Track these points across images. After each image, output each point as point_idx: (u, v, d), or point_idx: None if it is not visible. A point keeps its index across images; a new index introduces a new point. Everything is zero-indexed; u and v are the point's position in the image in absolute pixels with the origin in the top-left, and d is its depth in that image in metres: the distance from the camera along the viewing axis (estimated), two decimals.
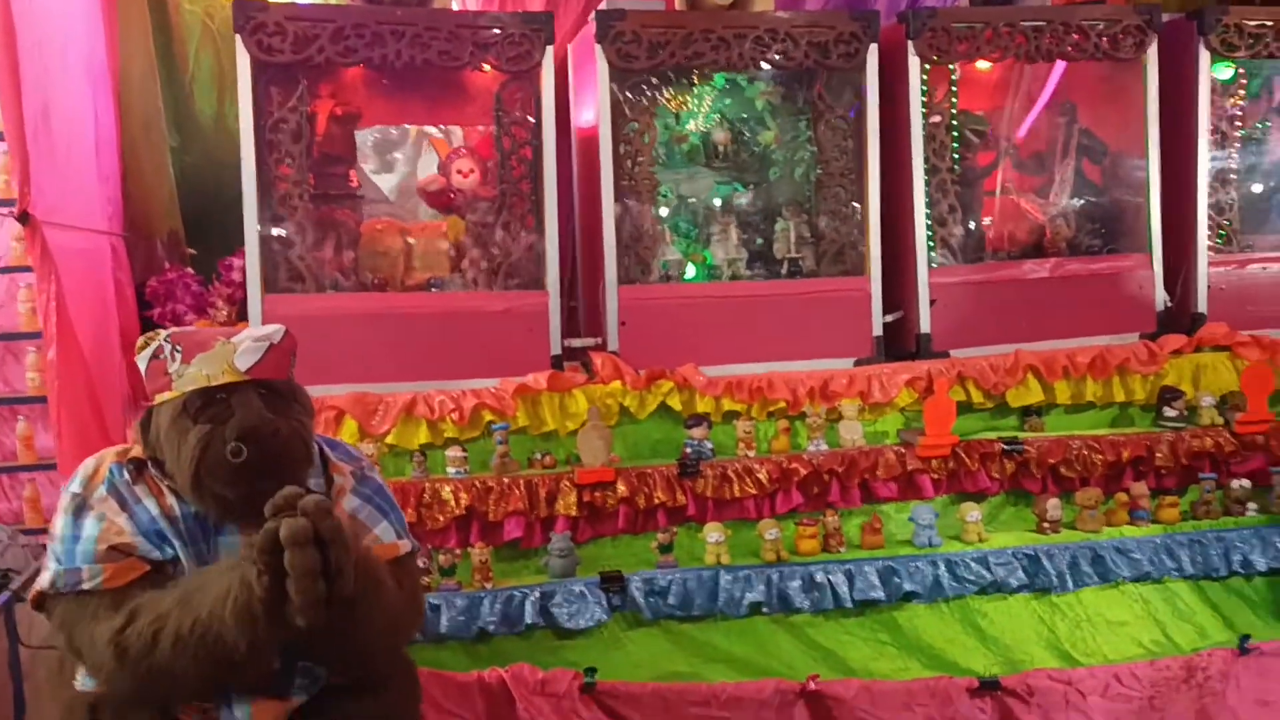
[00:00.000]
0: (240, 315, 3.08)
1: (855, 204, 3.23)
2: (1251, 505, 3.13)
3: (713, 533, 2.81)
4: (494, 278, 3.06)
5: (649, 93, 3.11)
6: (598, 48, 2.99)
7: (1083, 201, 3.49)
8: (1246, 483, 3.14)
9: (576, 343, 3.14)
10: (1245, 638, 2.89)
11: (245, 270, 2.96)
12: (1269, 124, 3.56)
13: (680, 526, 2.88)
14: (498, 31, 2.92)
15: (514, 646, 2.66)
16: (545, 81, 2.98)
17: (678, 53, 3.02)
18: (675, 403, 2.98)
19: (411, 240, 3.14)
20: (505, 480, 2.78)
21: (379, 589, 1.65)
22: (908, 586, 2.84)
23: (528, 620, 2.65)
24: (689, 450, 2.91)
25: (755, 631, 2.80)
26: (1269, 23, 3.32)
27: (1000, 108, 3.53)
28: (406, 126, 3.29)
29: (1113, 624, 2.95)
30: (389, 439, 2.79)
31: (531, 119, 3.02)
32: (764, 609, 2.79)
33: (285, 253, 2.91)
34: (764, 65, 3.09)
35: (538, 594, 2.67)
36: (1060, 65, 3.40)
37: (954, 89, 3.29)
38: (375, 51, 2.85)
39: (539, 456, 2.88)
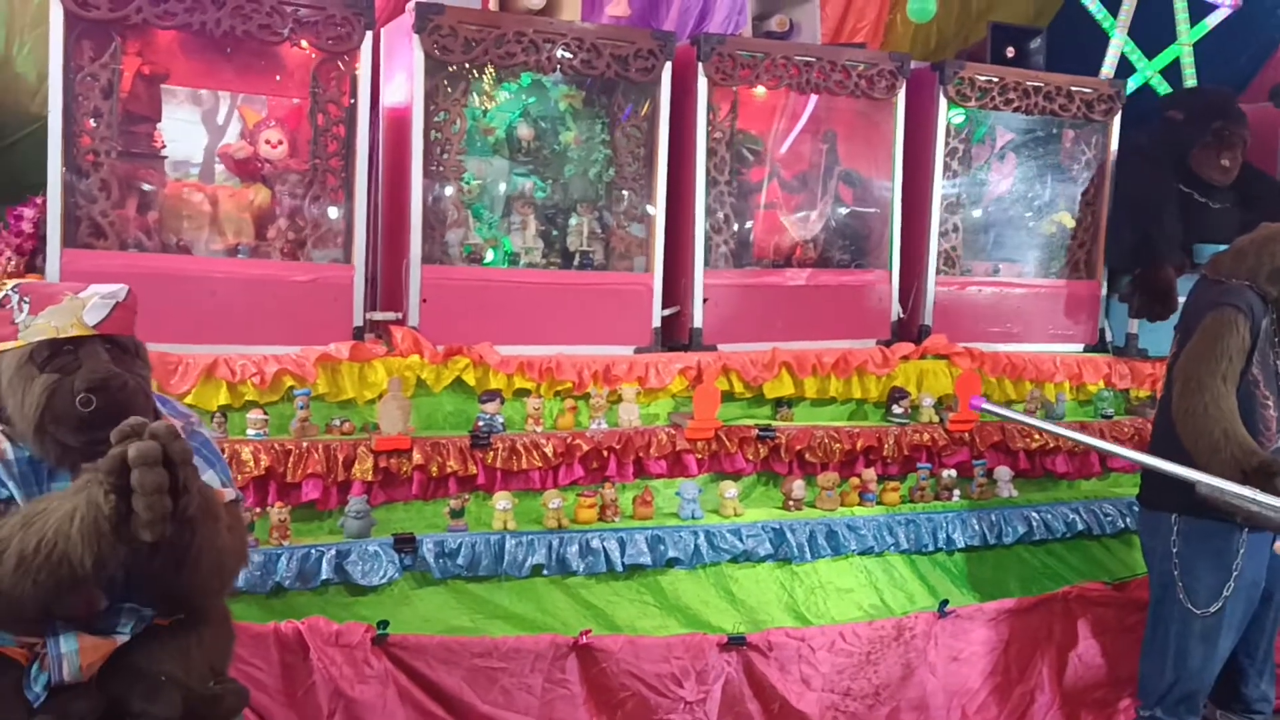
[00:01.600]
0: (29, 267, 3.03)
1: (643, 206, 3.53)
2: (956, 492, 3.66)
3: (501, 500, 3.04)
4: (300, 248, 3.16)
5: (461, 85, 3.29)
6: (415, 37, 3.14)
7: (836, 221, 3.93)
8: (953, 472, 3.67)
9: (378, 316, 3.28)
10: (944, 603, 3.41)
11: (38, 221, 2.93)
12: (990, 166, 4.13)
13: (471, 494, 3.09)
14: (319, 11, 3.02)
15: (309, 602, 2.80)
16: (362, 64, 3.11)
17: (491, 50, 3.21)
18: (470, 378, 3.18)
19: (216, 205, 3.18)
20: (304, 444, 2.90)
21: (215, 520, 1.77)
22: (671, 553, 3.17)
23: (323, 576, 2.79)
24: (481, 424, 3.12)
25: (535, 591, 3.05)
26: (995, 79, 3.86)
27: (774, 130, 3.92)
28: (216, 92, 3.31)
29: (841, 590, 3.39)
30: (188, 399, 2.84)
31: (347, 99, 3.14)
32: (544, 571, 3.04)
33: (88, 208, 2.90)
34: (569, 70, 3.34)
35: (334, 552, 2.81)
36: (814, 98, 3.80)
37: (735, 110, 3.64)
38: (195, 18, 2.89)
39: (338, 423, 3.01)
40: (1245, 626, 3.19)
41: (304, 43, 3.07)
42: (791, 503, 3.43)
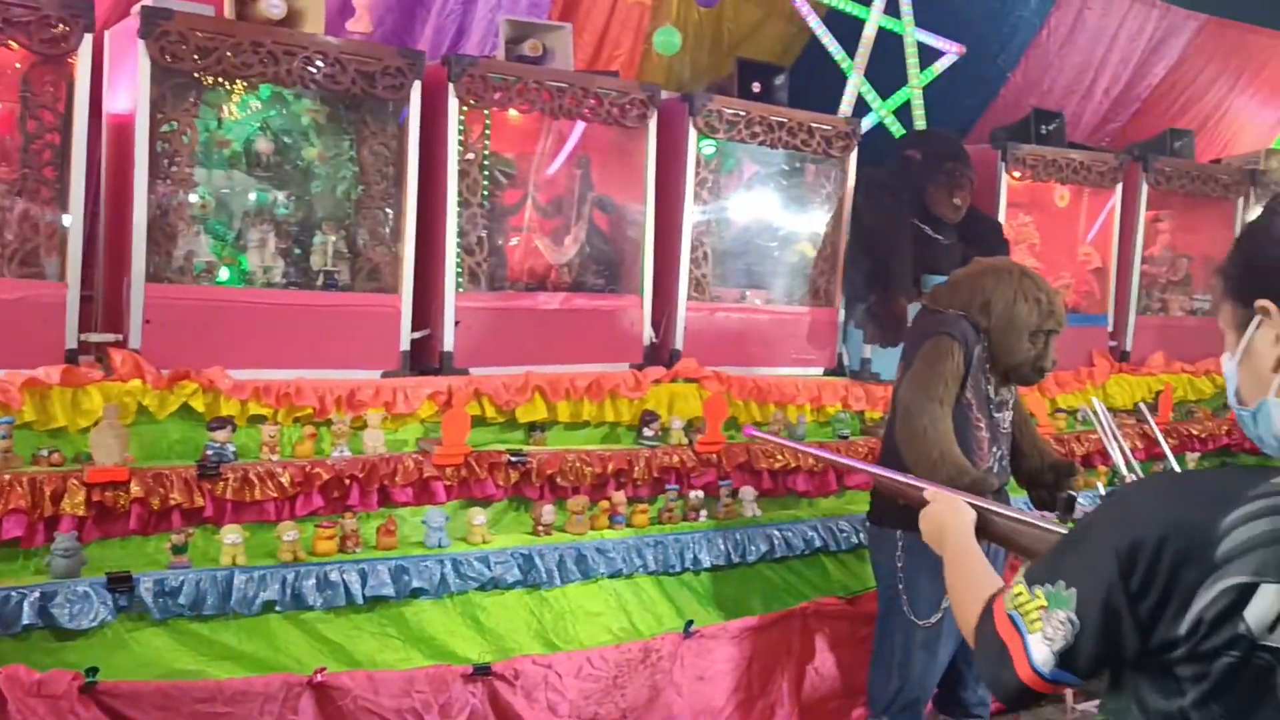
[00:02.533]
0: None
1: (392, 226, 3.45)
2: (703, 512, 3.74)
3: (230, 534, 2.89)
4: (7, 264, 2.90)
5: (192, 94, 3.12)
6: (140, 43, 2.95)
7: (590, 246, 3.96)
8: (701, 493, 3.76)
9: (94, 338, 3.06)
10: (689, 623, 3.49)
11: None
12: (738, 196, 4.28)
13: (197, 528, 2.91)
14: (32, 11, 2.79)
15: (8, 649, 2.55)
16: (81, 70, 2.89)
17: (225, 60, 3.06)
18: (199, 404, 3.01)
19: None
20: (6, 477, 2.66)
21: None
22: (416, 583, 3.09)
23: (25, 621, 2.56)
24: (210, 452, 2.95)
25: (267, 629, 2.90)
26: (742, 113, 4.00)
27: (530, 153, 3.92)
28: None
29: (590, 614, 3.40)
30: None
31: (63, 105, 2.91)
32: (277, 607, 2.90)
33: None
34: (311, 85, 3.22)
35: (37, 594, 2.59)
36: (580, 125, 3.85)
37: (488, 132, 3.62)
38: None
39: (46, 453, 2.78)
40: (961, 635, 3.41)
41: (14, 43, 2.83)
42: (541, 528, 3.42)
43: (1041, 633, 1.17)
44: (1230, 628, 1.05)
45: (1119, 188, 5.14)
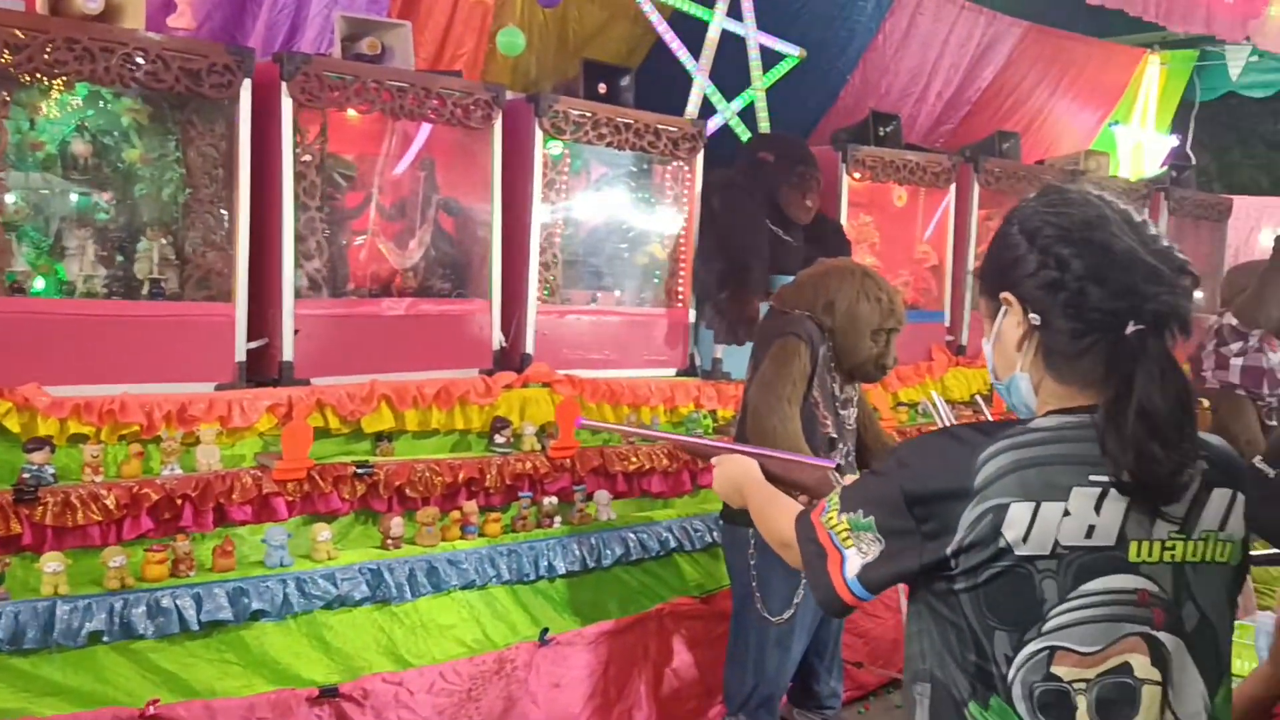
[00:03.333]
0: None
1: (225, 231, 3.29)
2: (558, 518, 3.71)
3: (50, 562, 2.69)
4: None
5: (2, 93, 2.90)
6: None
7: (436, 249, 3.87)
8: (554, 499, 3.72)
9: None
10: (544, 631, 3.44)
11: None
12: (586, 197, 4.25)
13: (14, 556, 2.71)
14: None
15: None
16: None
17: (36, 58, 2.86)
18: (13, 424, 2.80)
19: None
20: None
21: None
22: (256, 605, 2.96)
23: None
24: (27, 475, 2.75)
25: (94, 661, 2.72)
26: (588, 114, 3.98)
27: (372, 155, 3.80)
28: None
29: (443, 627, 3.32)
30: None
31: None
32: (105, 638, 2.73)
33: None
34: (132, 83, 3.04)
35: None
36: (426, 126, 3.75)
37: (325, 133, 3.49)
38: None
39: None
40: (815, 629, 3.47)
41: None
42: (390, 541, 3.32)
43: (856, 548, 1.38)
44: (993, 543, 1.26)
45: (952, 188, 5.33)
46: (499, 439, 3.70)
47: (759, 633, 3.35)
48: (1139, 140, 7.40)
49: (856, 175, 4.93)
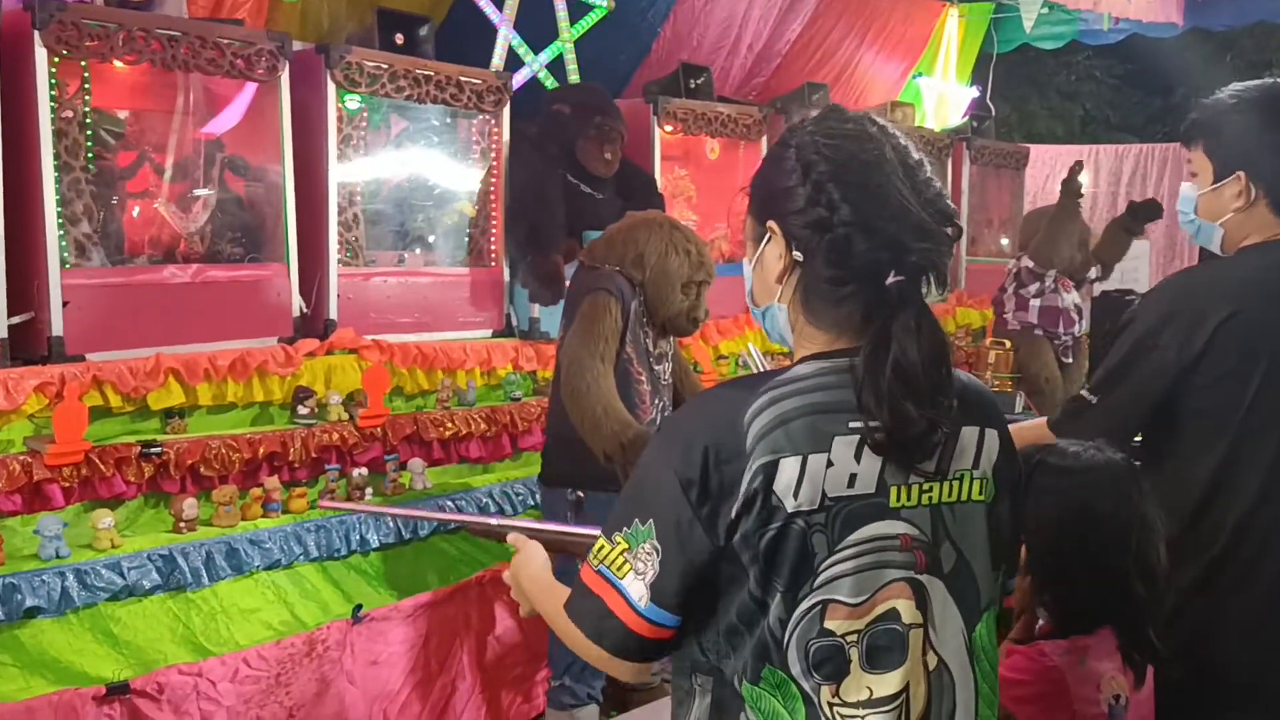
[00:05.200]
0: None
1: None
2: (369, 490, 3.56)
3: None
4: None
5: None
6: None
7: (225, 212, 3.63)
8: (365, 470, 3.57)
9: None
10: (358, 607, 3.29)
11: None
12: (388, 154, 4.06)
13: None
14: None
15: None
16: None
17: None
18: None
19: None
20: None
21: None
22: (31, 602, 2.71)
23: None
24: None
25: None
26: (384, 66, 3.78)
27: (144, 110, 3.52)
28: None
29: (245, 612, 3.13)
30: None
31: None
32: None
33: None
34: None
35: None
36: (194, 76, 3.48)
37: (87, 86, 3.20)
38: None
39: None
40: None
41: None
42: (183, 524, 3.10)
43: (633, 571, 1.26)
44: (766, 503, 1.21)
45: (764, 139, 5.36)
46: (302, 410, 3.51)
47: None
48: (942, 92, 7.63)
49: (668, 128, 4.88)
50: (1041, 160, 9.15)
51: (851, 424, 1.24)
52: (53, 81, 3.05)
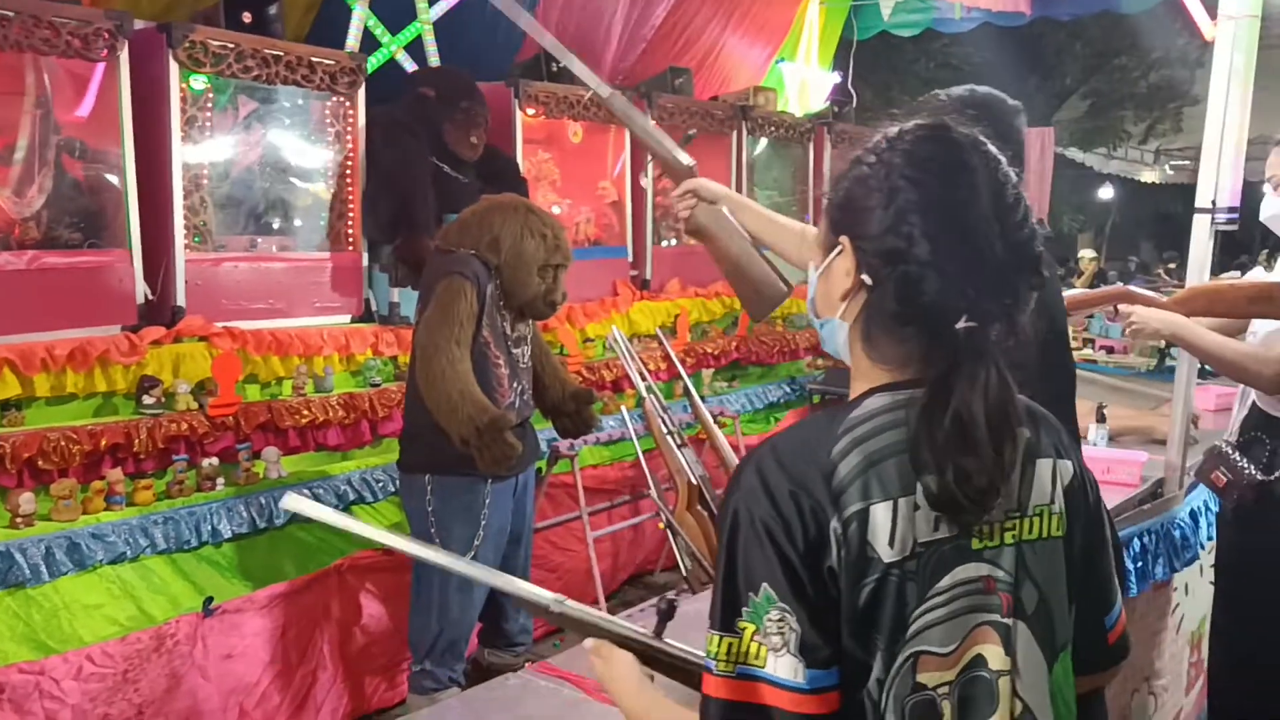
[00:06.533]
0: None
1: None
2: (221, 480, 3.48)
3: None
4: None
5: None
6: None
7: (62, 196, 3.49)
8: (215, 460, 3.49)
9: None
10: (208, 600, 3.23)
11: None
12: (236, 137, 3.96)
13: None
14: None
15: None
16: None
17: None
18: None
19: None
20: None
21: None
22: None
23: None
24: None
25: None
26: (230, 45, 3.68)
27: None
28: None
29: (89, 607, 3.04)
30: None
31: None
32: None
33: None
34: None
35: None
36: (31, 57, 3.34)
37: None
38: None
39: None
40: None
41: None
42: (20, 519, 3.00)
43: (771, 651, 1.10)
44: (862, 555, 1.10)
45: None
46: (148, 400, 3.41)
47: (441, 579, 3.31)
48: (805, 77, 7.78)
49: (530, 111, 4.88)
50: None
51: None
52: None
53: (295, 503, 1.39)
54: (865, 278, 1.19)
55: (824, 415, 1.20)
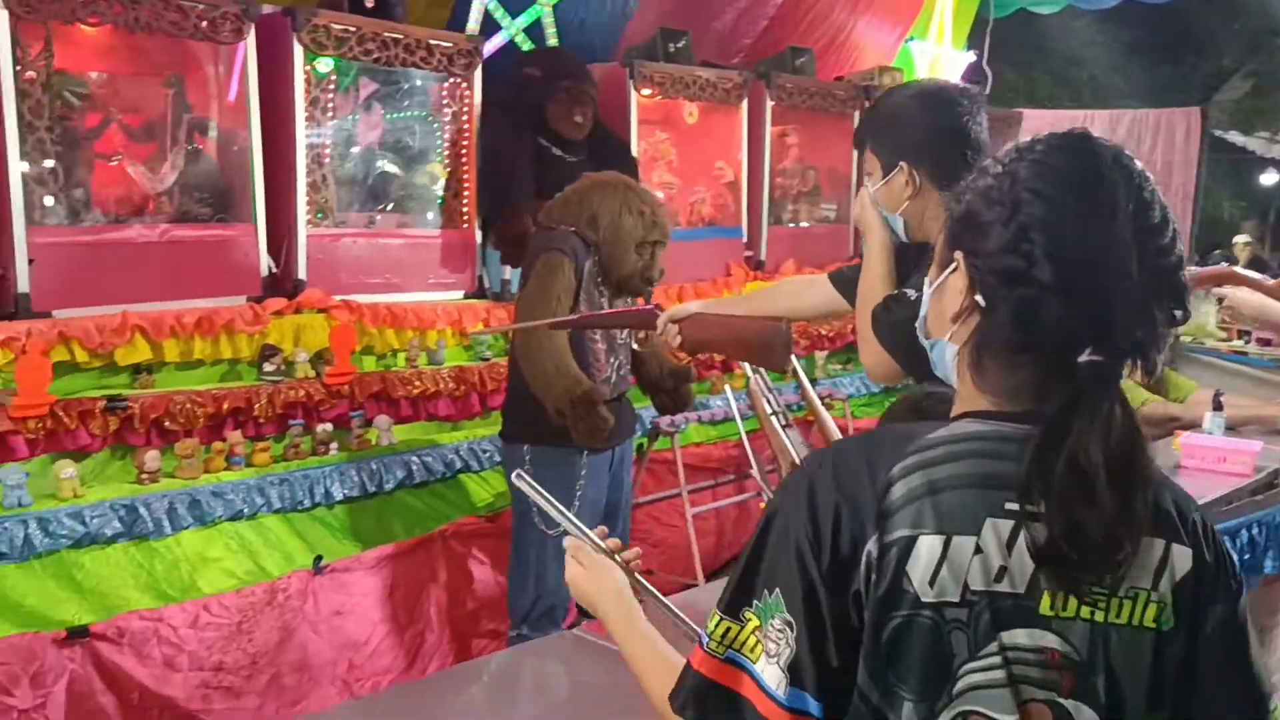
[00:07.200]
0: None
1: None
2: (334, 445, 3.64)
3: None
4: None
5: None
6: None
7: (192, 172, 3.69)
8: (330, 426, 3.65)
9: None
10: (318, 558, 3.39)
11: None
12: (357, 117, 4.12)
13: None
14: None
15: None
16: None
17: None
18: None
19: None
20: None
21: None
22: None
23: None
24: None
25: None
26: (352, 29, 3.83)
27: (109, 72, 3.58)
28: None
29: (207, 560, 3.22)
30: None
31: None
32: None
33: None
34: None
35: None
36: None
37: (50, 48, 3.26)
38: None
39: None
40: None
41: None
42: (145, 475, 3.20)
43: (765, 654, 1.04)
44: (895, 585, 1.02)
45: (744, 104, 5.37)
46: (268, 367, 3.59)
47: (538, 547, 3.38)
48: (936, 56, 7.59)
49: (645, 92, 4.91)
50: (1036, 125, 9.09)
51: (1008, 505, 1.03)
52: (14, 43, 3.11)
53: (521, 483, 1.51)
54: (979, 299, 1.08)
55: (902, 428, 1.11)
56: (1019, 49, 11.43)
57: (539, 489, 1.51)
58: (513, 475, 1.55)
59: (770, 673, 1.04)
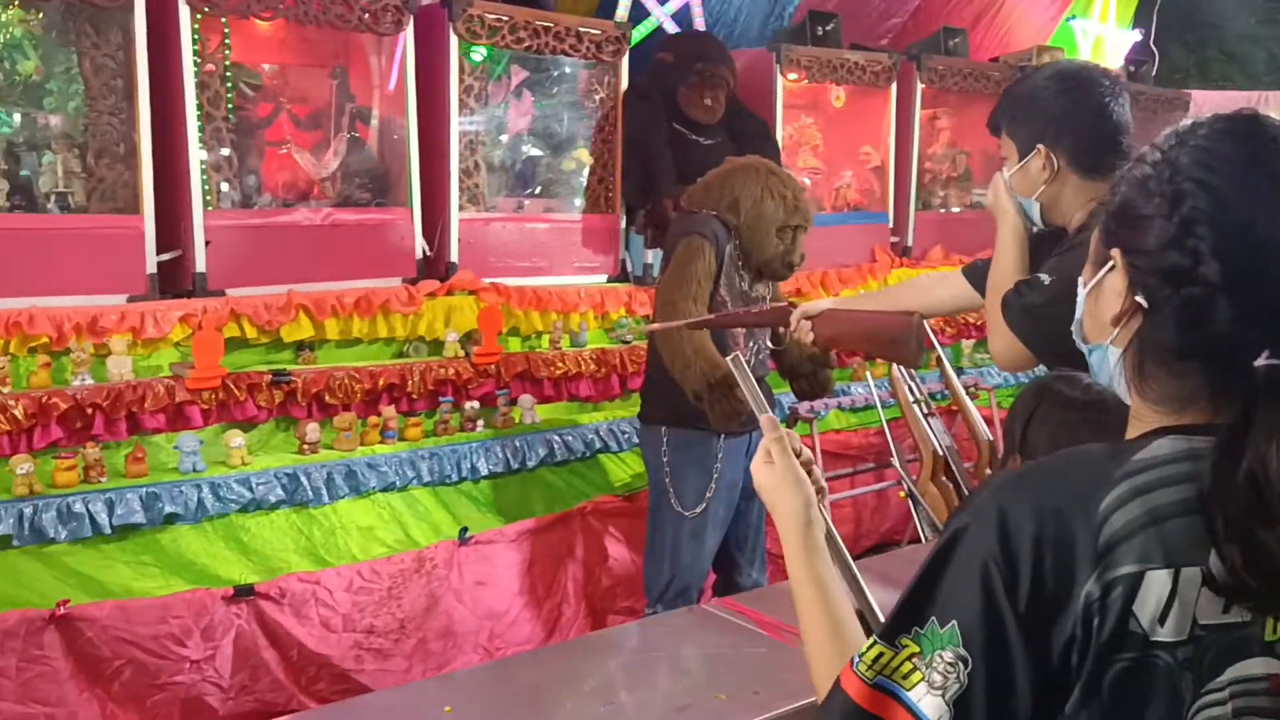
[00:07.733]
0: None
1: (126, 144, 3.29)
2: (481, 422, 3.77)
3: None
4: None
5: None
6: None
7: (354, 158, 3.87)
8: (477, 404, 3.78)
9: None
10: (464, 530, 3.53)
11: None
12: (508, 104, 4.23)
13: None
14: None
15: None
16: None
17: None
18: None
19: None
20: None
21: None
22: (170, 509, 3.03)
23: None
24: None
25: (7, 564, 2.81)
26: (504, 18, 3.94)
27: (280, 64, 3.78)
28: None
29: (361, 528, 3.40)
30: None
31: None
32: (15, 542, 2.81)
33: None
34: None
35: None
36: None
37: (227, 42, 3.47)
38: None
39: None
40: (730, 523, 3.54)
41: None
42: (306, 446, 3.38)
43: (925, 683, 0.95)
44: (1120, 628, 0.93)
45: (894, 87, 5.29)
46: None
47: (674, 527, 3.44)
48: (1099, 34, 7.29)
49: (791, 76, 4.89)
50: (1206, 107, 8.64)
51: None
52: (195, 37, 3.32)
53: (735, 367, 1.49)
54: (1140, 300, 1.01)
55: (1098, 450, 1.01)
56: (1190, 26, 10.84)
57: (748, 374, 1.49)
58: (729, 359, 1.50)
59: (931, 704, 0.95)
